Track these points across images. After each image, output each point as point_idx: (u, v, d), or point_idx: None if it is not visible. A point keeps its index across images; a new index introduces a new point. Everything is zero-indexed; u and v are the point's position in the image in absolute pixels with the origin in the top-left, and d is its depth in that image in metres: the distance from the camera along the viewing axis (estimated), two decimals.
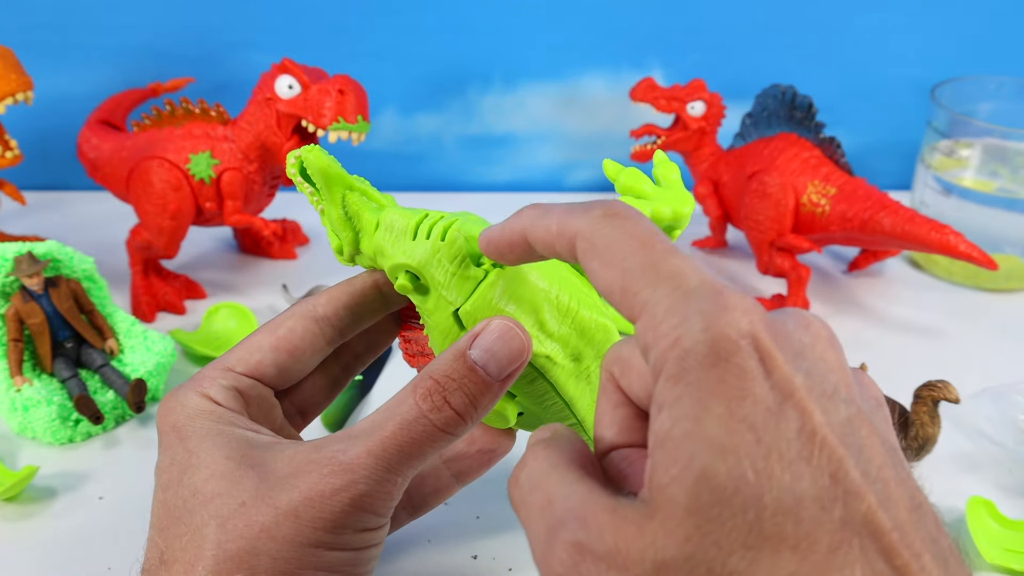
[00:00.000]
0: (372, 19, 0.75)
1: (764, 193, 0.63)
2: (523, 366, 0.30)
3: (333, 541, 0.29)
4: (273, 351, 0.34)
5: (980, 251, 0.57)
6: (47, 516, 0.46)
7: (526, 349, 0.30)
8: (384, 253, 0.33)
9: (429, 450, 0.30)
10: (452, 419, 0.29)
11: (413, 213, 0.33)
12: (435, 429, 0.29)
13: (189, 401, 0.32)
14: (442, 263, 0.32)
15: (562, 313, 0.32)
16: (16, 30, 0.71)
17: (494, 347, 0.29)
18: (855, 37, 0.78)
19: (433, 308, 0.33)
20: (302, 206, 0.76)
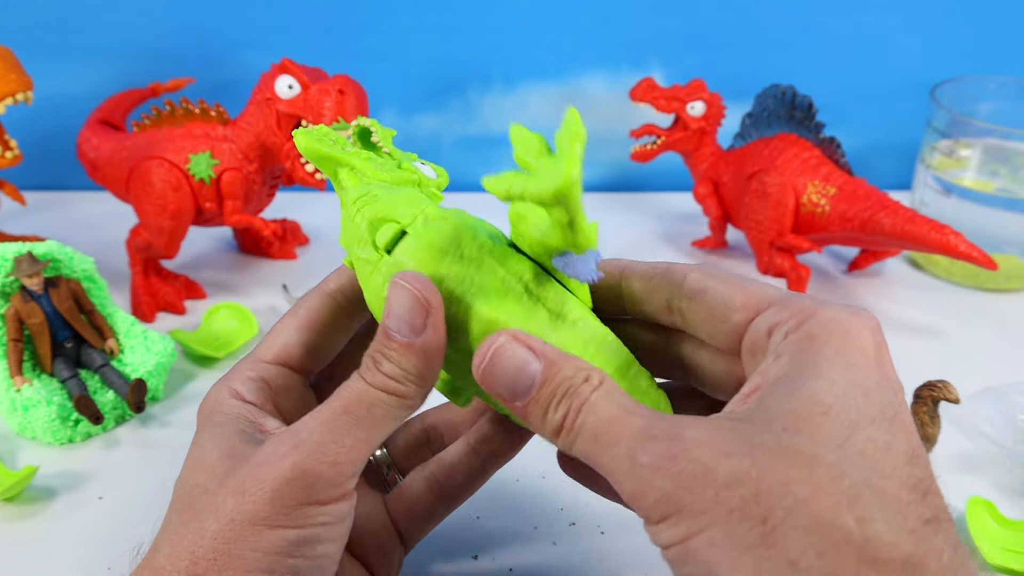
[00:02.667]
0: (372, 19, 0.75)
1: (764, 193, 0.63)
2: (432, 314, 0.30)
3: (275, 515, 0.28)
4: (297, 331, 0.34)
5: (980, 251, 0.57)
6: (47, 516, 0.46)
7: (424, 299, 0.30)
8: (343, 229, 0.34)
9: (377, 412, 0.30)
10: (387, 382, 0.30)
11: (359, 191, 0.33)
12: (374, 391, 0.30)
13: (216, 396, 0.33)
14: (352, 248, 0.32)
15: (455, 299, 0.31)
16: (16, 30, 0.71)
17: (398, 310, 0.30)
18: (855, 37, 0.78)
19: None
20: (302, 206, 0.76)
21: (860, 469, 0.24)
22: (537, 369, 0.28)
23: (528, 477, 0.49)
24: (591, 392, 0.27)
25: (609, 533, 0.45)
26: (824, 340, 0.26)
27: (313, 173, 0.60)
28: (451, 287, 0.30)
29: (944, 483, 0.50)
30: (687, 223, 0.76)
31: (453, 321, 0.31)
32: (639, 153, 0.70)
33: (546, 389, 0.28)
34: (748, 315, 0.29)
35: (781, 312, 0.28)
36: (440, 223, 0.31)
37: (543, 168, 0.30)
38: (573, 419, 0.27)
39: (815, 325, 0.27)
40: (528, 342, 0.28)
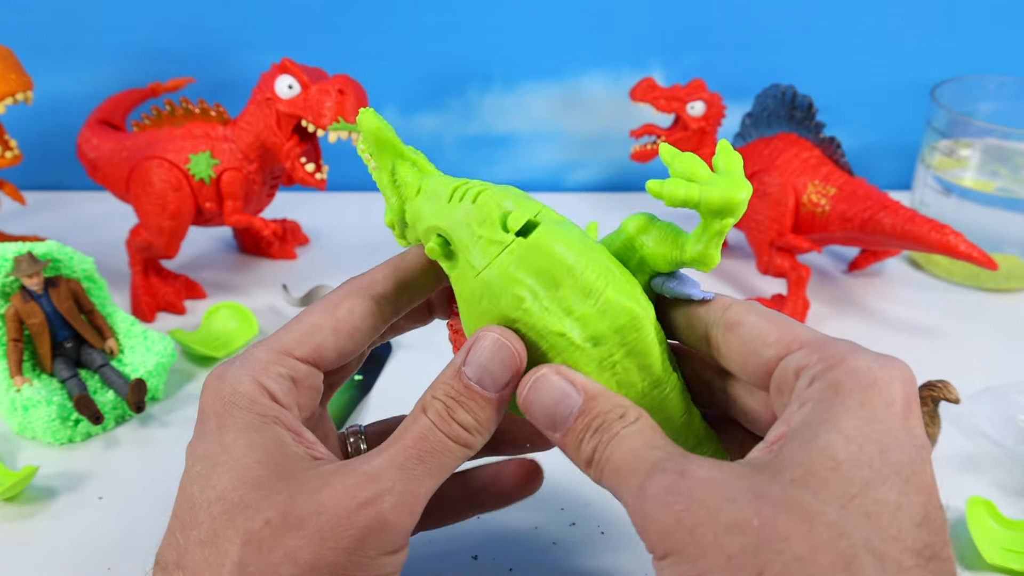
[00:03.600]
0: (372, 19, 0.75)
1: (764, 193, 0.63)
2: (518, 375, 0.30)
3: (353, 565, 0.28)
4: (334, 334, 0.32)
5: (980, 251, 0.57)
6: (47, 516, 0.46)
7: (518, 359, 0.30)
8: (421, 217, 0.33)
9: (447, 461, 0.30)
10: (461, 434, 0.30)
11: (455, 180, 0.33)
12: (448, 440, 0.30)
13: (240, 386, 0.30)
14: (469, 226, 0.31)
15: (586, 291, 0.30)
16: (16, 30, 0.71)
17: (486, 361, 0.30)
18: (855, 37, 0.78)
19: (459, 275, 0.32)
20: (302, 206, 0.76)
21: (862, 530, 0.23)
22: (576, 402, 0.29)
23: None
24: (622, 428, 0.28)
25: (609, 533, 0.45)
26: (849, 390, 0.26)
27: (313, 173, 0.60)
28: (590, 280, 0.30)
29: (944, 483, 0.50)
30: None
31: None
32: (639, 153, 0.70)
33: (581, 421, 0.29)
34: (779, 352, 0.28)
35: (811, 355, 0.27)
36: (566, 222, 0.32)
37: (717, 181, 0.31)
38: (602, 452, 0.28)
39: (842, 373, 0.26)
40: (570, 376, 0.29)
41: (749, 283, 0.69)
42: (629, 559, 0.44)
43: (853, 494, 0.24)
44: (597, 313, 0.30)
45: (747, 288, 0.68)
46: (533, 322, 0.30)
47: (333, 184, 0.64)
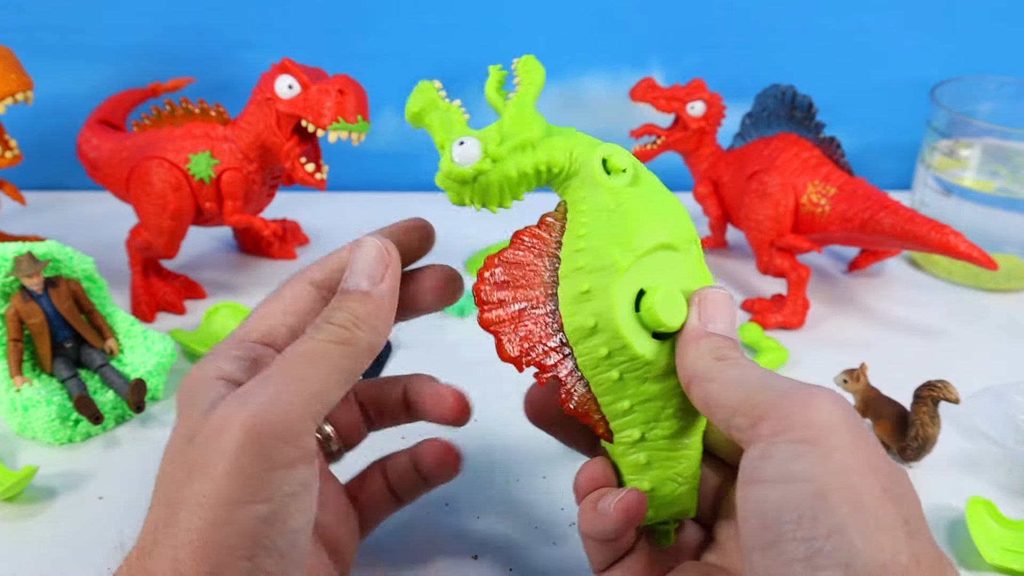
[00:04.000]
0: (372, 19, 0.75)
1: (764, 193, 0.63)
2: (391, 266, 0.32)
3: (240, 490, 0.27)
4: (283, 314, 0.34)
5: (980, 251, 0.57)
6: (47, 516, 0.46)
7: (385, 252, 0.33)
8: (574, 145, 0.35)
9: (323, 366, 0.30)
10: (339, 332, 0.31)
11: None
12: (324, 344, 0.31)
13: (197, 376, 0.32)
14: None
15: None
16: (16, 30, 0.71)
17: (357, 266, 0.32)
18: (855, 37, 0.78)
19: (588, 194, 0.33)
20: (302, 206, 0.76)
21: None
22: None
23: (528, 477, 0.49)
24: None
25: None
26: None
27: (313, 173, 0.60)
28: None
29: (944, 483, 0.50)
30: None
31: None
32: (639, 153, 0.70)
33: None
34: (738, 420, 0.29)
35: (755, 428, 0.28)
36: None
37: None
38: None
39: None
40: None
41: (749, 283, 0.69)
42: None
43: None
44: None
45: (747, 288, 0.68)
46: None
47: (333, 184, 0.64)
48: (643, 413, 0.32)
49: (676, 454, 0.33)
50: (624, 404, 0.32)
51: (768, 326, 0.62)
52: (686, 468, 0.33)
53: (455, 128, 0.35)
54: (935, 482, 0.49)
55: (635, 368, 0.31)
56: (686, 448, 0.33)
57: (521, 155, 0.34)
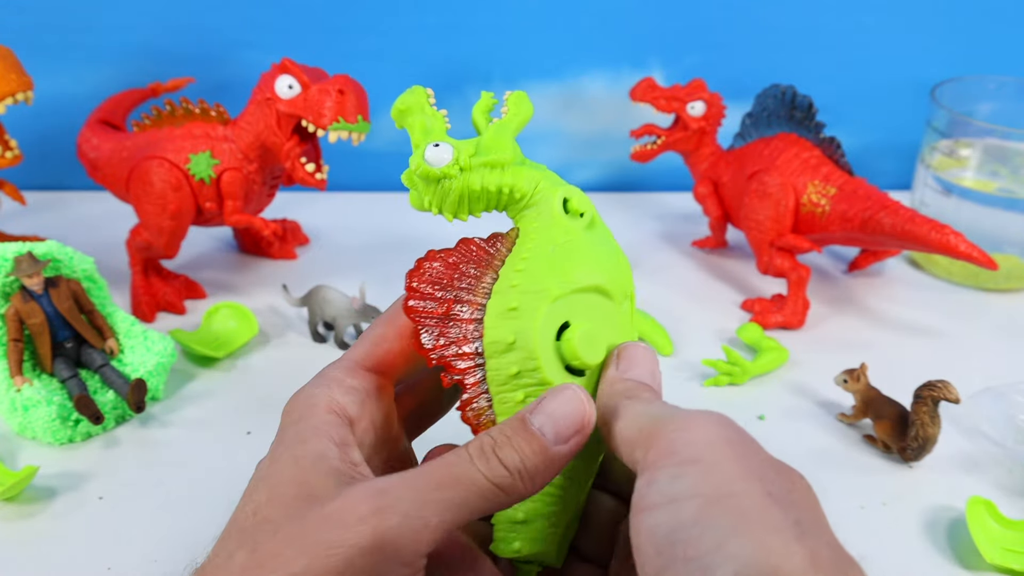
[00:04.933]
0: (372, 19, 0.75)
1: (764, 193, 0.63)
2: (583, 432, 0.29)
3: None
4: (398, 339, 0.32)
5: (980, 251, 0.57)
6: (47, 516, 0.46)
7: (586, 416, 0.29)
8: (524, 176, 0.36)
9: (471, 497, 0.28)
10: (498, 470, 0.28)
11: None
12: (478, 474, 0.28)
13: (310, 400, 0.31)
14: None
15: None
16: (16, 30, 0.71)
17: (554, 411, 0.29)
18: (855, 37, 0.78)
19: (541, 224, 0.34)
20: (302, 206, 0.76)
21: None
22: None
23: None
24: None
25: None
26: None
27: (313, 173, 0.60)
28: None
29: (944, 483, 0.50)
30: (687, 223, 0.76)
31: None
32: (639, 153, 0.70)
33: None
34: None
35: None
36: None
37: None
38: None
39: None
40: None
41: (749, 283, 0.69)
42: None
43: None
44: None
45: (747, 288, 0.68)
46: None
47: (333, 184, 0.64)
48: None
49: (557, 494, 0.32)
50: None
51: (768, 326, 0.62)
52: (563, 513, 0.33)
53: (434, 133, 0.36)
54: (935, 482, 0.49)
55: (540, 394, 0.31)
56: (568, 493, 0.33)
57: (489, 172, 0.35)
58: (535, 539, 0.32)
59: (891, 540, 0.45)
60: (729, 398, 0.56)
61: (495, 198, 0.35)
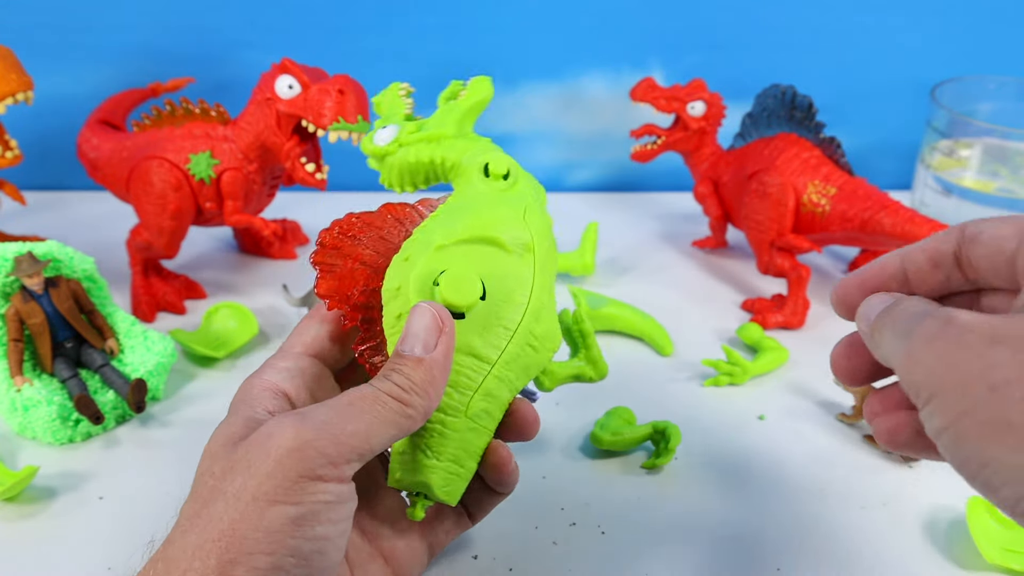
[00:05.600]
0: (372, 19, 0.75)
1: (764, 193, 0.63)
2: (446, 334, 0.33)
3: (275, 489, 0.29)
4: (321, 322, 0.38)
5: None
6: (47, 516, 0.46)
7: (439, 319, 0.34)
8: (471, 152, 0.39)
9: (380, 410, 0.32)
10: (393, 389, 0.32)
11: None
12: (383, 395, 0.32)
13: (246, 386, 0.36)
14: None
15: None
16: (16, 30, 0.71)
17: (413, 329, 0.33)
18: (855, 37, 0.78)
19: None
20: (302, 206, 0.76)
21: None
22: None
23: (529, 477, 0.49)
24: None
25: (609, 533, 0.45)
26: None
27: (313, 173, 0.60)
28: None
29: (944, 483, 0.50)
30: (687, 223, 0.76)
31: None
32: (639, 153, 0.70)
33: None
34: (1019, 243, 0.29)
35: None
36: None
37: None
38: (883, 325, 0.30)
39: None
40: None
41: (749, 283, 0.69)
42: (629, 559, 0.44)
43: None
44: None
45: (747, 288, 0.68)
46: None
47: (333, 184, 0.64)
48: None
49: (430, 427, 0.35)
50: None
51: (768, 326, 0.62)
52: (440, 446, 0.35)
53: (392, 117, 0.40)
54: (935, 482, 0.49)
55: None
56: (446, 427, 0.35)
57: (425, 146, 0.39)
58: (411, 469, 0.35)
59: (891, 540, 0.45)
60: (729, 398, 0.56)
61: (429, 167, 0.39)
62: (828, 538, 0.45)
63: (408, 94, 0.42)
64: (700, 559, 0.44)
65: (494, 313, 0.35)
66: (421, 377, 0.33)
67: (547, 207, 0.39)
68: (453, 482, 0.35)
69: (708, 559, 0.44)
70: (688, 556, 0.44)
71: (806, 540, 0.45)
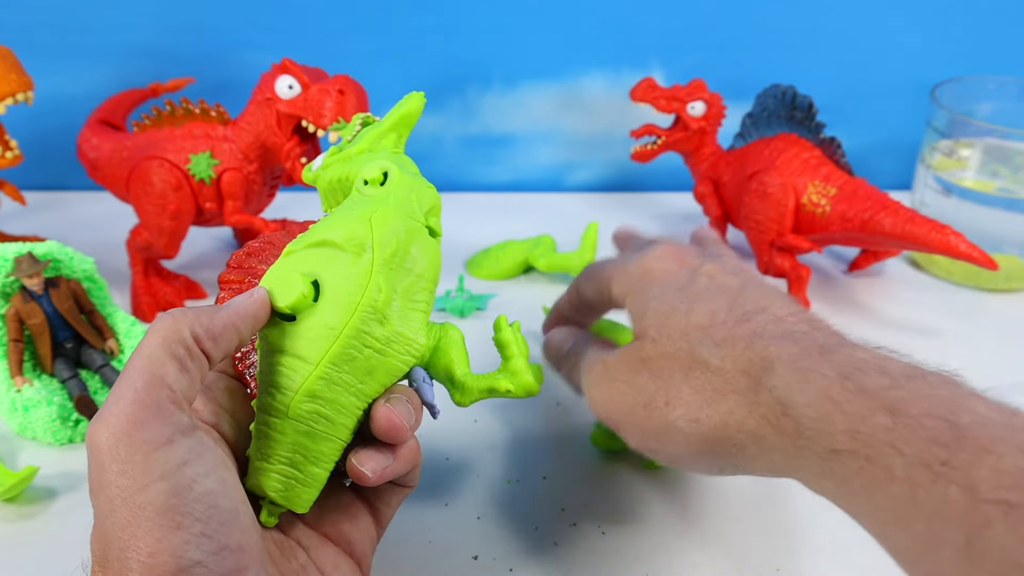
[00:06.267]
0: (372, 19, 0.75)
1: (764, 193, 0.63)
2: (260, 306, 0.33)
3: (134, 478, 0.28)
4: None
5: (980, 251, 0.57)
6: (47, 516, 0.46)
7: (257, 294, 0.33)
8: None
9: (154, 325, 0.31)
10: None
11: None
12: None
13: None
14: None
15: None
16: (16, 30, 0.71)
17: (233, 302, 0.33)
18: (855, 37, 0.78)
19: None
20: (302, 206, 0.76)
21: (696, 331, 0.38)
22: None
23: (529, 478, 0.49)
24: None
25: (609, 533, 0.45)
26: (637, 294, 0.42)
27: None
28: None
29: None
30: (687, 223, 0.76)
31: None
32: (639, 153, 0.70)
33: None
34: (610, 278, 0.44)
35: (618, 286, 0.43)
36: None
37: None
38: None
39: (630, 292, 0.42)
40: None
41: None
42: (630, 559, 0.44)
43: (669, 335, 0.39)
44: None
45: None
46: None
47: None
48: (263, 381, 0.35)
49: (260, 429, 0.34)
50: (258, 369, 0.35)
51: None
52: (276, 451, 0.34)
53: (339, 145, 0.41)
54: None
55: (261, 339, 0.35)
56: (277, 431, 0.34)
57: (339, 165, 0.39)
58: (251, 472, 0.34)
59: None
60: None
61: (340, 186, 0.39)
62: (828, 538, 0.45)
63: (366, 123, 0.41)
64: (700, 559, 0.44)
65: (321, 314, 0.33)
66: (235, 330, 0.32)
67: (439, 213, 0.37)
68: (293, 487, 0.34)
69: (708, 559, 0.44)
70: (688, 556, 0.44)
71: (806, 540, 0.45)
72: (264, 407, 0.34)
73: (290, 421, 0.34)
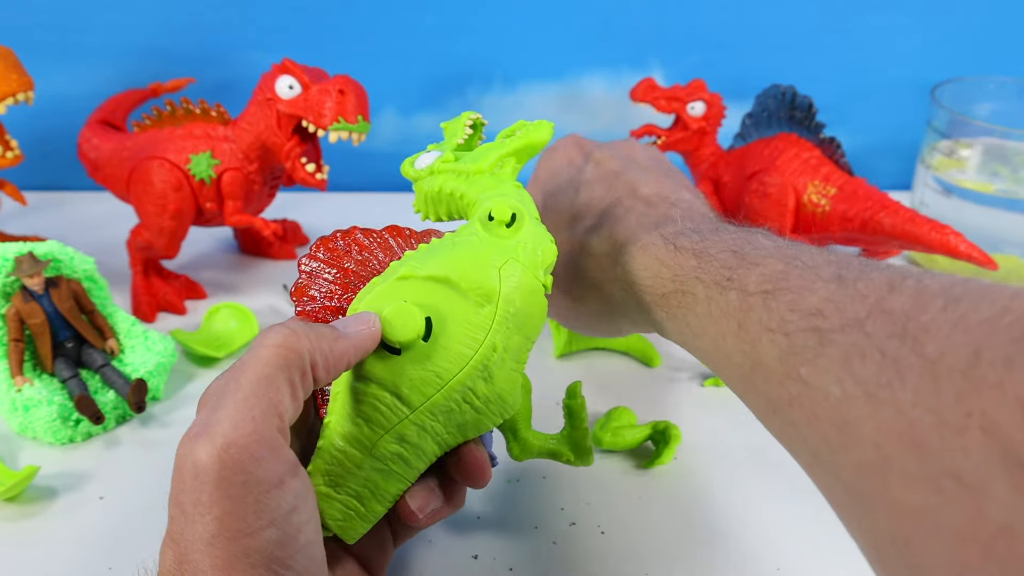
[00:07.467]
0: (372, 19, 0.75)
1: (764, 193, 0.63)
2: (371, 327, 0.32)
3: (237, 525, 0.27)
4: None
5: (980, 251, 0.57)
6: (47, 516, 0.46)
7: (370, 319, 0.33)
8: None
9: (273, 373, 0.30)
10: (274, 337, 0.31)
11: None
12: (265, 351, 0.30)
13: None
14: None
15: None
16: (16, 30, 0.71)
17: (344, 320, 0.33)
18: (855, 37, 0.78)
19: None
20: (302, 206, 0.76)
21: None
22: None
23: (528, 477, 0.49)
24: None
25: (609, 533, 0.45)
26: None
27: (313, 173, 0.60)
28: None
29: None
30: None
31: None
32: None
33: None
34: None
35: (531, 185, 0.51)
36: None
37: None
38: None
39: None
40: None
41: None
42: (629, 559, 0.44)
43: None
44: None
45: None
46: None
47: (333, 184, 0.64)
48: (340, 405, 0.33)
49: (330, 451, 0.33)
50: (336, 388, 0.34)
51: None
52: (341, 476, 0.33)
53: (446, 144, 0.40)
54: None
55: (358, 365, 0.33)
56: (346, 456, 0.33)
57: (453, 178, 0.37)
58: (331, 505, 0.33)
59: None
60: (729, 398, 0.56)
61: (451, 201, 0.37)
62: (828, 538, 0.45)
63: (476, 125, 0.40)
64: (700, 559, 0.44)
65: (431, 358, 0.32)
66: (332, 349, 0.31)
67: (553, 269, 0.36)
68: (351, 519, 0.34)
69: (708, 559, 0.44)
70: (688, 556, 0.44)
71: (806, 540, 0.45)
72: (347, 435, 0.33)
73: (370, 457, 0.33)
